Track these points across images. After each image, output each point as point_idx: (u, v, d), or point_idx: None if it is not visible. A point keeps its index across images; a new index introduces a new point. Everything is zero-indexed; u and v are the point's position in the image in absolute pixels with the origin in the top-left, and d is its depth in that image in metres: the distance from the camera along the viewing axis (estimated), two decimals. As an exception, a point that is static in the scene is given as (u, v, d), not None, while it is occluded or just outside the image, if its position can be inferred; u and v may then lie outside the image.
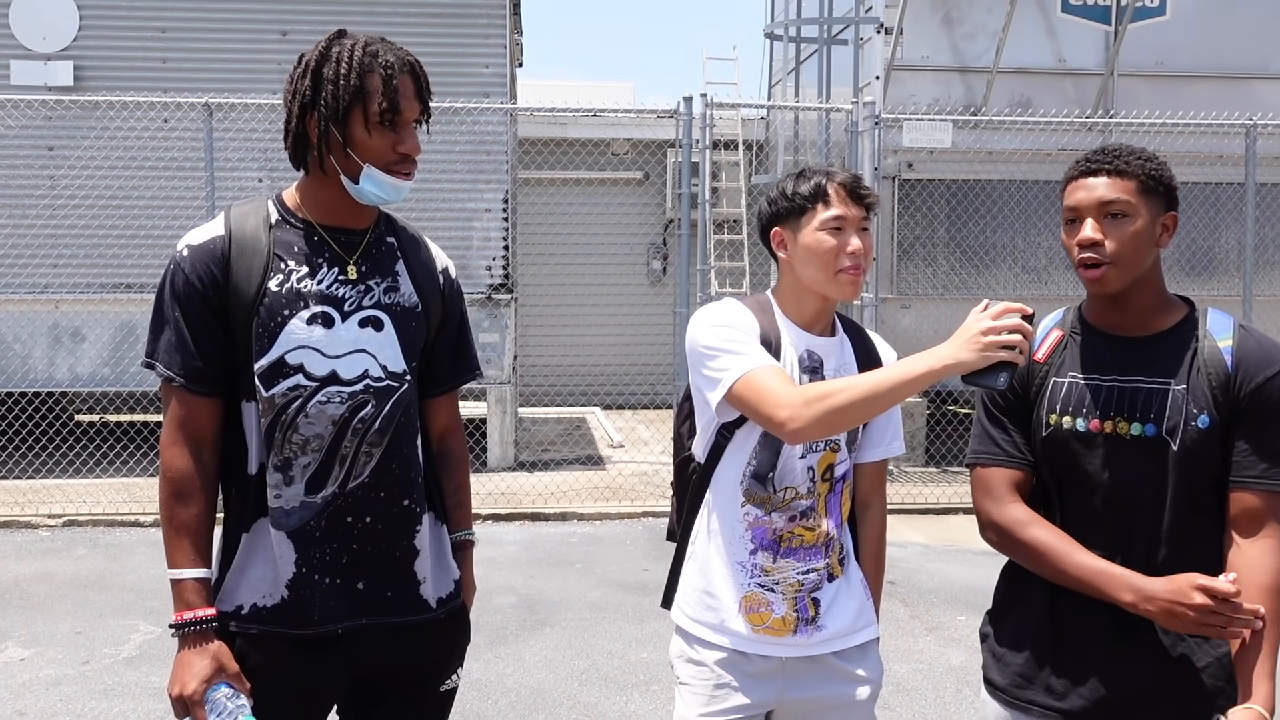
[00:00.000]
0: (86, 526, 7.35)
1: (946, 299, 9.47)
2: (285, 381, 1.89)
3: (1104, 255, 1.90)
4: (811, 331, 2.16)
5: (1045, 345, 2.04)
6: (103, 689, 4.50)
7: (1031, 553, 1.97)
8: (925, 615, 5.55)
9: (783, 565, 2.11)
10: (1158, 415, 1.90)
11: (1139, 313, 1.97)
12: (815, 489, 2.11)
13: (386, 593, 1.97)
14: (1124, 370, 1.95)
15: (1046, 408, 1.99)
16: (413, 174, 1.94)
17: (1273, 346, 1.94)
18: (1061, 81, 9.67)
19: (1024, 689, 1.99)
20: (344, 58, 1.88)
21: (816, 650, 2.13)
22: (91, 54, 8.94)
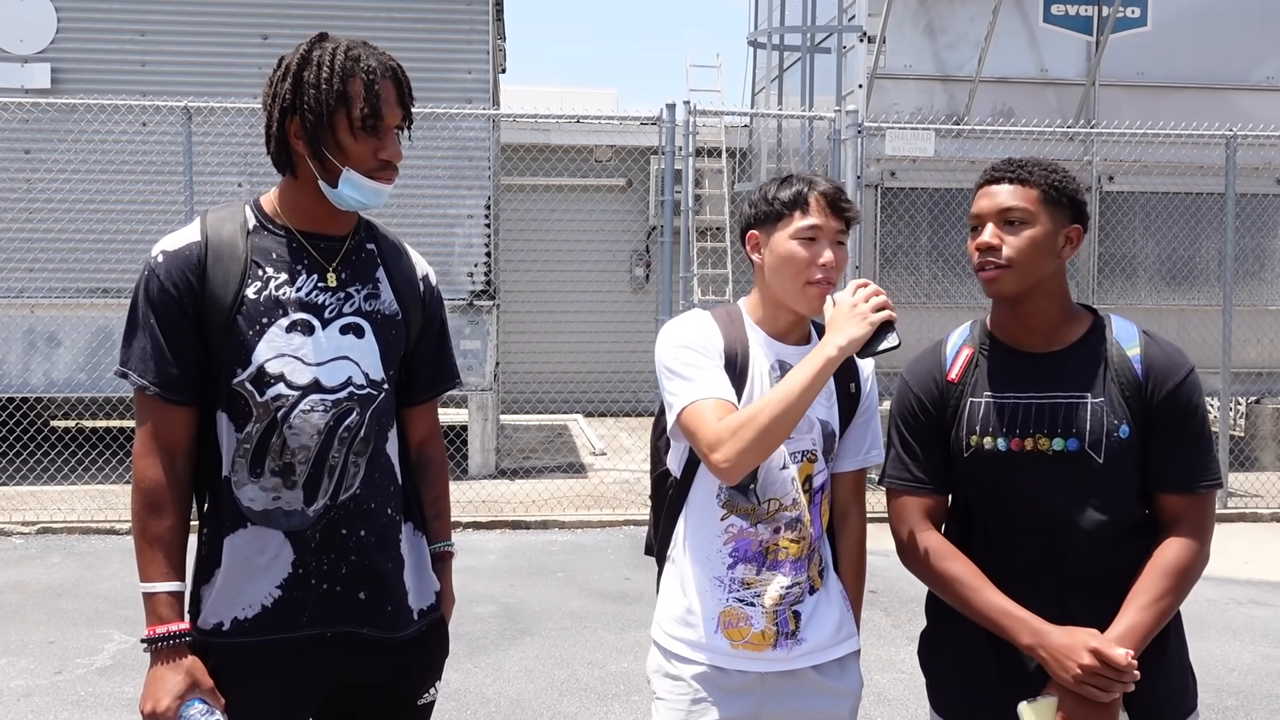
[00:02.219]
0: (61, 534, 7.27)
1: (929, 307, 9.49)
2: (269, 390, 1.86)
3: (999, 259, 1.93)
4: (785, 341, 2.13)
5: (957, 365, 2.05)
6: (75, 700, 4.43)
7: (945, 584, 2.00)
8: (907, 624, 5.53)
9: (766, 578, 2.07)
10: (1079, 429, 1.91)
11: (1043, 324, 1.97)
12: (799, 500, 2.09)
13: (386, 606, 1.94)
14: (1038, 386, 1.95)
15: (966, 429, 1.99)
16: (393, 179, 1.91)
17: (1176, 352, 1.97)
18: (1043, 91, 9.71)
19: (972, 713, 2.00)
20: (325, 62, 1.85)
21: (796, 664, 2.10)
22: (69, 56, 8.86)
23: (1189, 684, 1.99)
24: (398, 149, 1.90)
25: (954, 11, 9.61)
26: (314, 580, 1.89)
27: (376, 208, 1.93)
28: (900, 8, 9.43)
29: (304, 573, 1.89)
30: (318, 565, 1.89)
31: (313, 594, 1.89)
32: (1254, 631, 5.40)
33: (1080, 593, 1.91)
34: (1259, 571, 6.51)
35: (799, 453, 2.09)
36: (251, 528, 1.88)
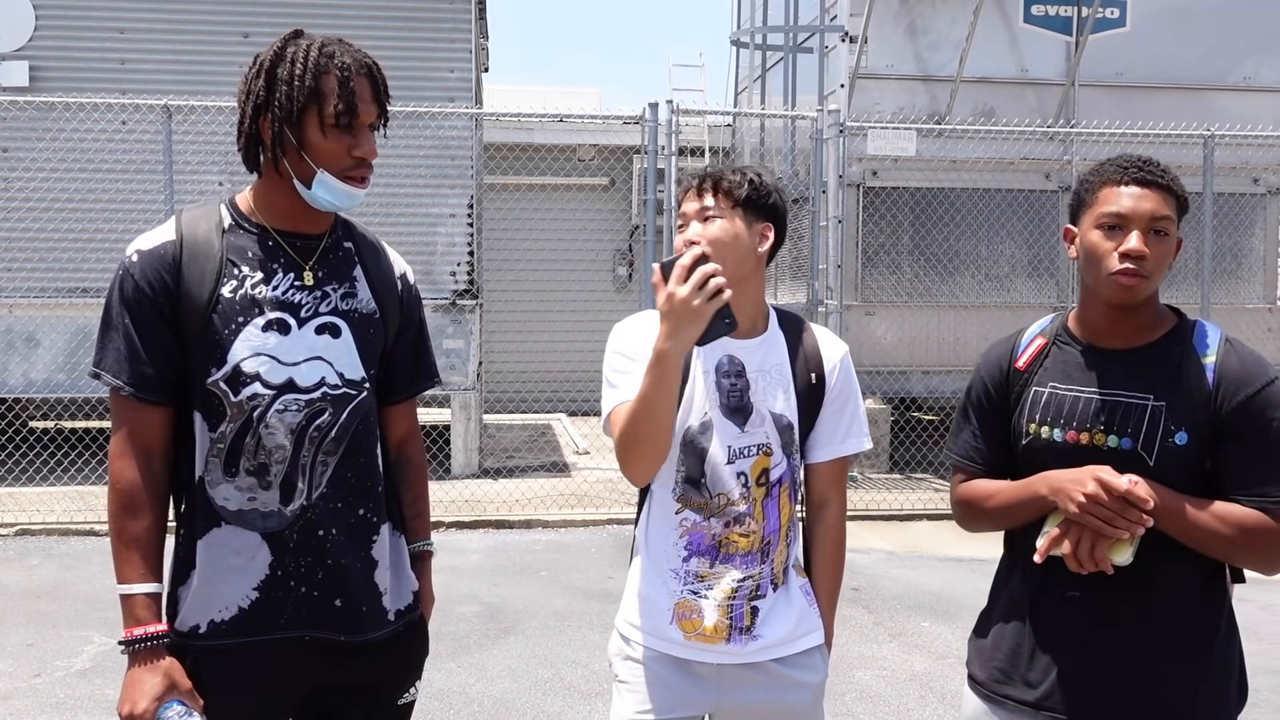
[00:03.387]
0: (40, 536, 7.21)
1: (911, 306, 9.52)
2: (245, 390, 1.85)
3: (1144, 269, 1.88)
4: (735, 336, 2.12)
5: (1027, 353, 2.06)
6: (55, 702, 4.40)
7: (989, 503, 2.05)
8: (889, 622, 5.56)
9: (720, 571, 2.09)
10: (1134, 429, 1.90)
11: (1137, 325, 1.96)
12: (750, 494, 2.10)
13: (361, 608, 1.93)
14: (1104, 383, 1.95)
15: (1027, 416, 2.01)
16: (368, 179, 1.90)
17: (1255, 364, 1.91)
18: (1024, 91, 9.76)
19: (1002, 684, 2.02)
20: (299, 58, 1.84)
21: (750, 658, 2.11)
22: (48, 54, 8.79)
23: (1232, 696, 1.97)
24: (373, 147, 1.88)
25: (935, 12, 9.65)
26: (293, 582, 1.88)
27: (351, 209, 1.91)
28: (882, 8, 9.46)
29: (282, 574, 1.88)
30: (295, 567, 1.88)
31: (291, 596, 1.88)
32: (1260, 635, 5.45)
33: (1119, 581, 1.90)
34: (1237, 568, 6.56)
35: (751, 447, 2.10)
36: (226, 527, 1.87)
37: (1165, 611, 1.92)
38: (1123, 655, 1.92)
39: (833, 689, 4.60)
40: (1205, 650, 1.93)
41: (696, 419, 2.09)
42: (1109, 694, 1.92)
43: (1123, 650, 1.92)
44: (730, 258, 2.04)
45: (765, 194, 2.10)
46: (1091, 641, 1.94)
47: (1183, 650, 1.92)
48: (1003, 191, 9.26)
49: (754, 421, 2.10)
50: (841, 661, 4.95)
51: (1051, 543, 1.89)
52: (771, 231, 2.12)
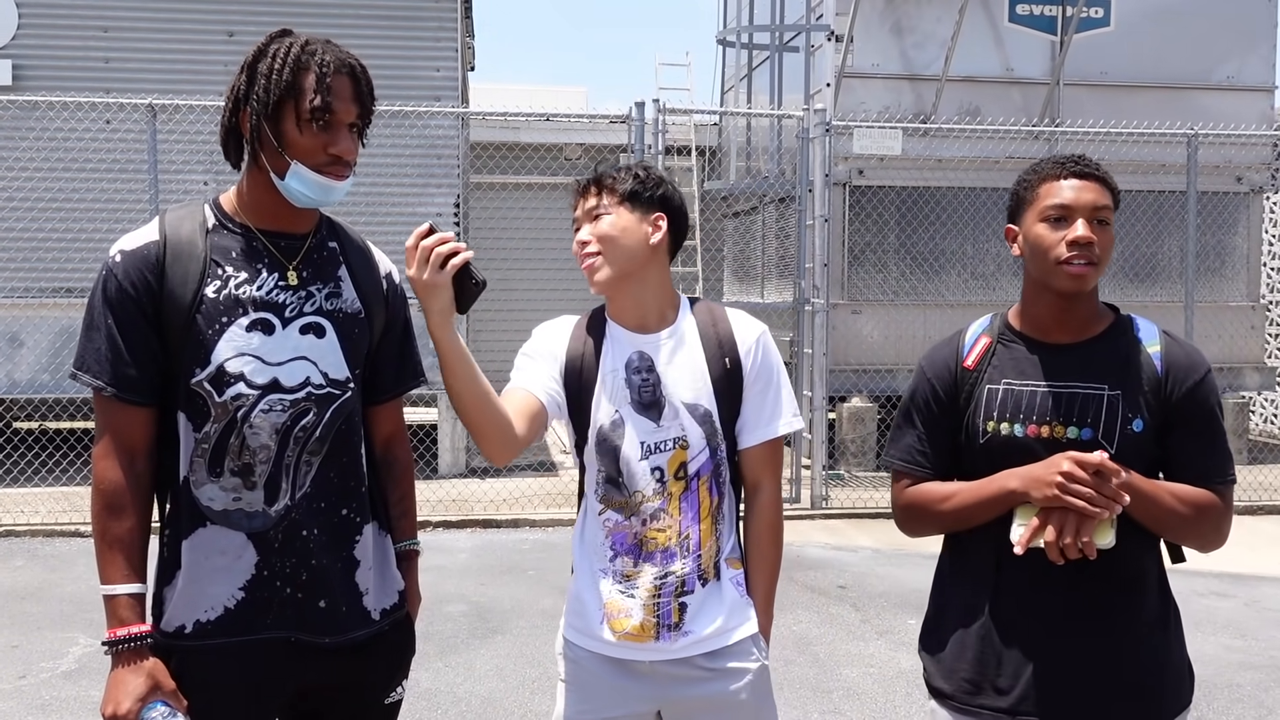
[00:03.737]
0: (24, 537, 7.18)
1: (897, 304, 9.55)
2: (229, 390, 1.85)
3: (1092, 255, 1.94)
4: (644, 330, 2.14)
5: (974, 353, 2.07)
6: (40, 704, 4.38)
7: (943, 506, 2.03)
8: (876, 619, 5.58)
9: (643, 569, 2.09)
10: (1094, 419, 1.94)
11: (1082, 318, 2.01)
12: (665, 489, 2.09)
13: (341, 608, 1.93)
14: (1058, 376, 1.98)
15: (983, 415, 2.01)
16: (346, 176, 1.89)
17: (1195, 352, 2.01)
18: (1009, 90, 9.81)
19: (973, 694, 2.00)
20: (280, 54, 1.84)
21: (682, 654, 2.10)
22: (31, 53, 8.75)
23: (1186, 679, 2.02)
24: (350, 146, 1.87)
25: (921, 11, 9.68)
26: (278, 583, 1.88)
27: (329, 204, 1.91)
28: (868, 7, 9.48)
29: (268, 574, 1.87)
30: (281, 567, 1.88)
31: (277, 597, 1.88)
32: (1215, 623, 5.49)
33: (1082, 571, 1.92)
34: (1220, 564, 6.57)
35: (666, 441, 2.09)
36: (211, 527, 1.87)
37: (1128, 598, 1.95)
38: (1091, 647, 1.94)
39: (820, 686, 4.62)
40: (1164, 632, 1.98)
41: (607, 418, 2.10)
42: (1081, 688, 1.94)
43: (1090, 642, 1.94)
44: (621, 251, 2.08)
45: (651, 186, 2.12)
46: (1058, 638, 1.95)
47: (1147, 635, 1.95)
48: (988, 190, 9.30)
49: (668, 415, 2.09)
50: (829, 659, 4.96)
51: (1033, 533, 1.89)
52: (664, 221, 2.13)
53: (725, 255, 13.07)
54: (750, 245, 12.02)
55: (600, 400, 2.10)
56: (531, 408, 2.07)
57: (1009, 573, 1.97)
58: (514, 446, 2.00)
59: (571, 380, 2.12)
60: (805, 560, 6.80)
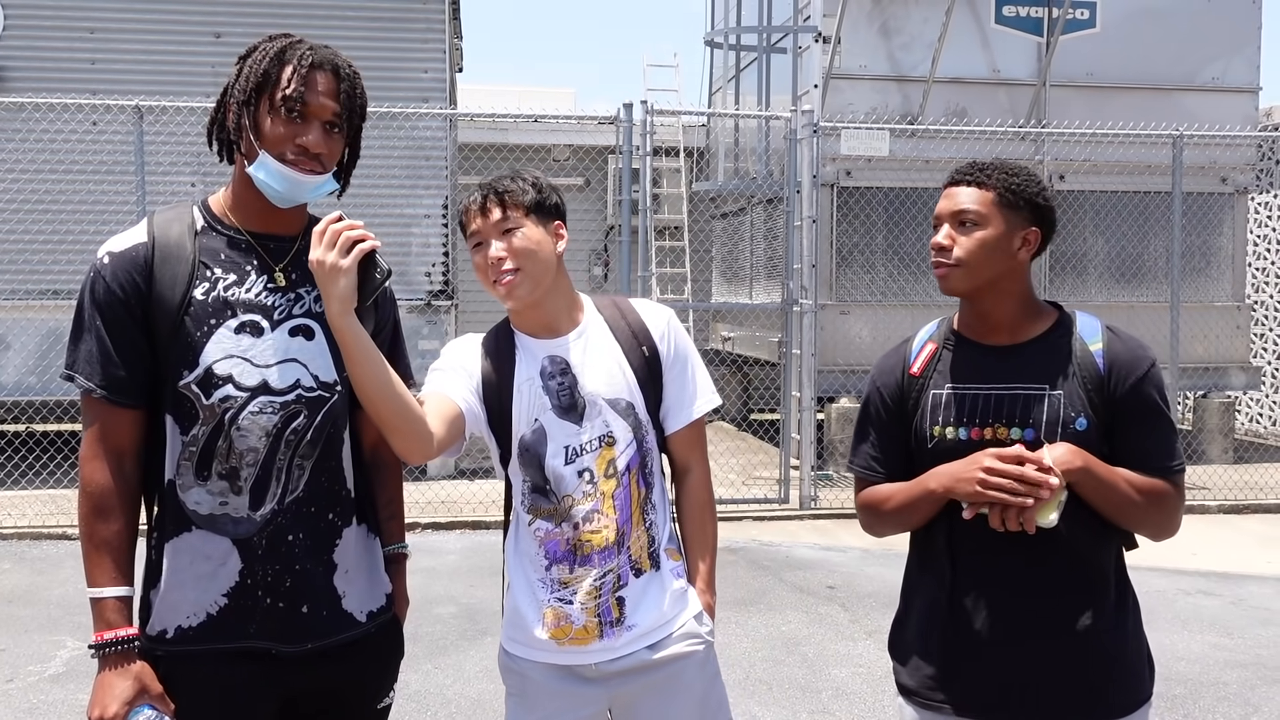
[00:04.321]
0: (11, 539, 7.14)
1: (885, 305, 9.58)
2: (216, 392, 1.84)
3: (948, 259, 2.02)
4: (553, 335, 2.13)
5: (920, 359, 2.11)
6: (28, 707, 4.36)
7: (888, 506, 2.09)
8: (864, 619, 5.59)
9: (580, 574, 2.08)
10: (1035, 420, 1.97)
11: (1004, 321, 2.04)
12: (597, 490, 2.08)
13: (323, 612, 1.92)
14: (999, 378, 2.01)
15: (929, 420, 2.05)
16: (316, 172, 1.87)
17: (1138, 346, 2.04)
18: (995, 91, 9.85)
19: (935, 690, 2.04)
20: (269, 48, 1.86)
21: (626, 650, 2.10)
22: (16, 54, 8.71)
23: (1145, 672, 2.04)
24: (320, 139, 1.85)
25: (908, 13, 9.71)
26: (260, 592, 1.87)
27: (301, 201, 1.89)
28: (855, 9, 9.51)
29: (251, 583, 1.86)
30: (263, 575, 1.87)
31: (259, 606, 1.87)
32: (1201, 621, 5.52)
33: (1036, 570, 1.96)
34: (1206, 562, 6.64)
35: (592, 441, 2.09)
36: (197, 532, 1.86)
37: (1083, 593, 1.98)
38: (1046, 643, 1.96)
39: (809, 686, 4.63)
40: (1119, 627, 2.00)
41: (527, 427, 2.08)
42: (1036, 683, 1.96)
43: (1046, 638, 1.96)
44: (539, 265, 2.06)
45: (548, 194, 2.11)
46: (1013, 634, 1.98)
47: (1101, 630, 1.97)
48: (975, 191, 9.32)
49: (590, 415, 2.09)
50: (818, 659, 4.98)
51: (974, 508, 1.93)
52: (564, 229, 2.14)
53: (713, 256, 13.08)
54: (738, 246, 12.04)
55: (520, 411, 2.08)
56: (449, 411, 2.03)
57: (964, 572, 2.01)
58: (429, 444, 1.94)
59: (490, 396, 2.10)
60: (794, 560, 6.81)
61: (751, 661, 4.93)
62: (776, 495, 8.26)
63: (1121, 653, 1.99)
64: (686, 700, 2.14)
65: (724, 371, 12.09)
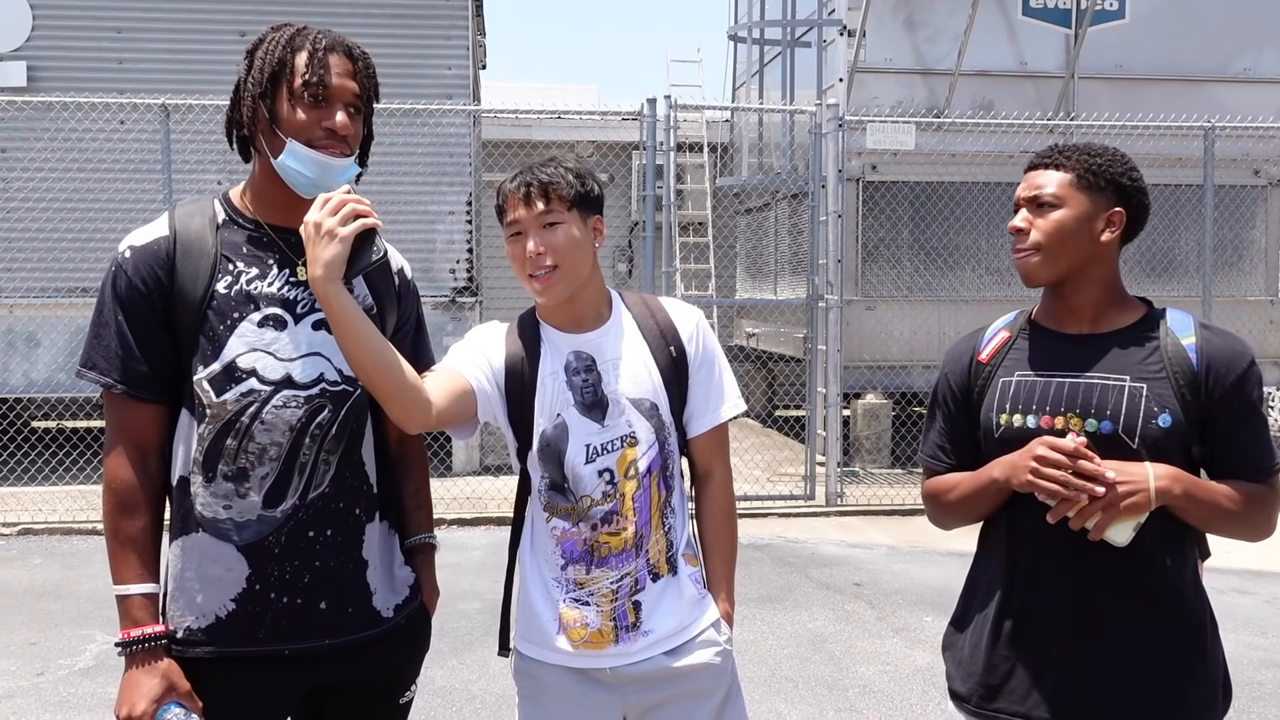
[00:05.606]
0: (42, 535, 7.21)
1: (911, 300, 9.51)
2: (238, 387, 1.83)
3: (1025, 243, 1.95)
4: (580, 330, 2.08)
5: (990, 346, 2.04)
6: (58, 701, 4.40)
7: (951, 496, 2.04)
8: (891, 617, 5.55)
9: (597, 575, 2.04)
10: (1114, 412, 1.88)
11: (1087, 308, 1.97)
12: (617, 491, 2.04)
13: (348, 609, 1.91)
14: (1075, 367, 1.94)
15: (996, 408, 1.98)
16: (344, 154, 1.85)
17: (1236, 342, 1.93)
18: (1023, 84, 9.75)
19: (988, 700, 1.97)
20: (278, 38, 1.85)
21: (642, 655, 2.05)
22: (45, 54, 8.79)
23: (1218, 695, 1.95)
24: (346, 121, 1.84)
25: (933, 5, 9.63)
26: (273, 594, 1.85)
27: (331, 187, 1.83)
28: (880, 2, 9.44)
29: (261, 588, 1.84)
30: (279, 576, 1.85)
31: (270, 609, 1.84)
32: (1235, 619, 5.45)
33: (1104, 581, 1.89)
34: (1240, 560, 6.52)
35: (614, 440, 2.04)
36: (201, 534, 1.84)
37: (1154, 607, 1.89)
38: (1109, 657, 1.88)
39: (836, 684, 4.60)
40: (1196, 647, 1.91)
41: (549, 422, 2.04)
42: (1099, 698, 1.88)
43: (1109, 652, 1.88)
44: (577, 263, 2.02)
45: (590, 185, 2.06)
46: (1077, 645, 1.89)
47: (1172, 648, 1.89)
48: (1003, 185, 9.25)
49: (613, 413, 2.04)
50: (844, 657, 4.94)
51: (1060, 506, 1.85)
52: (603, 224, 2.10)
53: (738, 252, 13.04)
54: (763, 242, 11.99)
55: (541, 405, 2.04)
56: (457, 387, 1.98)
57: (1027, 577, 1.93)
58: (427, 412, 1.87)
59: (512, 386, 2.05)
60: (820, 557, 6.77)
61: (778, 659, 4.91)
62: (802, 492, 8.23)
63: (1193, 671, 1.90)
64: (705, 711, 2.10)
65: (748, 368, 12.05)
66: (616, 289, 2.19)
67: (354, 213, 1.76)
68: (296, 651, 1.86)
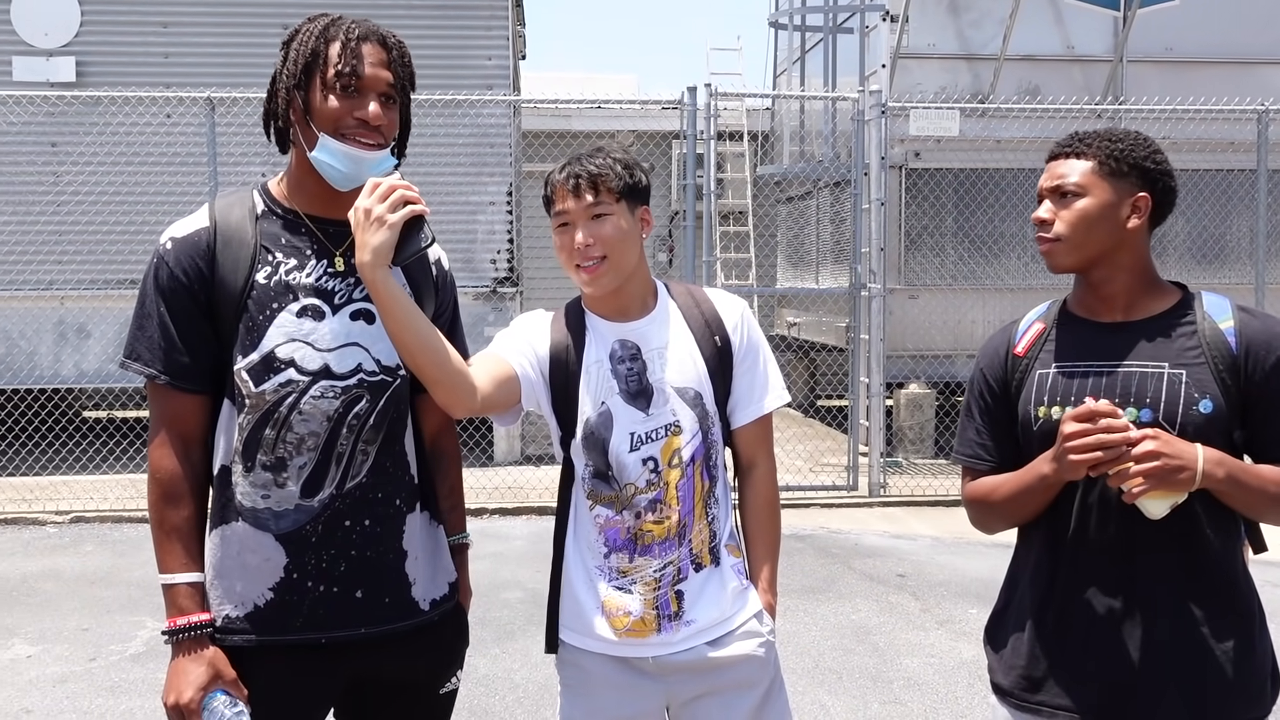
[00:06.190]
0: (94, 523, 7.35)
1: (955, 289, 9.41)
2: (276, 377, 1.84)
3: (1048, 234, 1.92)
4: (625, 319, 2.09)
5: (1025, 339, 2.01)
6: (109, 686, 4.48)
7: (983, 504, 2.01)
8: (936, 608, 5.51)
9: (640, 564, 2.04)
10: (1154, 400, 1.85)
11: (1119, 296, 1.93)
12: (661, 479, 2.04)
13: (384, 599, 1.91)
14: (1112, 356, 1.90)
15: (1033, 401, 1.94)
16: (376, 146, 1.84)
17: (1276, 323, 1.89)
18: (1070, 68, 9.59)
19: (1031, 692, 1.94)
20: (312, 29, 1.85)
21: (684, 645, 2.05)
22: (94, 49, 8.92)
23: (1267, 686, 1.91)
24: (379, 111, 1.83)
25: (978, -11, 9.49)
26: (310, 583, 1.86)
27: (360, 178, 1.83)
28: (924, -14, 9.32)
29: (298, 576, 1.85)
30: (316, 564, 1.86)
31: (307, 598, 1.85)
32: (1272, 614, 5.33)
33: (1148, 558, 1.86)
34: None
35: (658, 429, 2.04)
36: (240, 523, 1.86)
37: (1200, 597, 1.85)
38: (1154, 648, 1.85)
39: (879, 676, 4.57)
40: (1244, 637, 1.87)
41: (593, 410, 2.04)
42: (1142, 691, 1.85)
43: (1154, 642, 1.85)
44: (625, 254, 2.02)
45: (638, 176, 2.06)
46: (1120, 635, 1.86)
47: (1219, 638, 1.85)
48: (1049, 171, 9.11)
49: (658, 402, 2.05)
50: (888, 648, 4.91)
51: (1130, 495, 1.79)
52: (650, 215, 2.10)
53: (778, 241, 12.96)
54: (804, 230, 11.91)
55: (586, 393, 2.05)
56: (501, 372, 1.99)
57: (1069, 567, 1.90)
58: (472, 396, 1.89)
59: (557, 374, 2.06)
60: (863, 548, 6.73)
61: (821, 650, 4.88)
62: (845, 482, 8.18)
63: (1240, 662, 1.86)
64: (748, 703, 2.09)
65: (789, 357, 11.99)
66: (662, 279, 2.19)
67: (403, 199, 1.76)
68: (333, 640, 1.87)
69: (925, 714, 4.21)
